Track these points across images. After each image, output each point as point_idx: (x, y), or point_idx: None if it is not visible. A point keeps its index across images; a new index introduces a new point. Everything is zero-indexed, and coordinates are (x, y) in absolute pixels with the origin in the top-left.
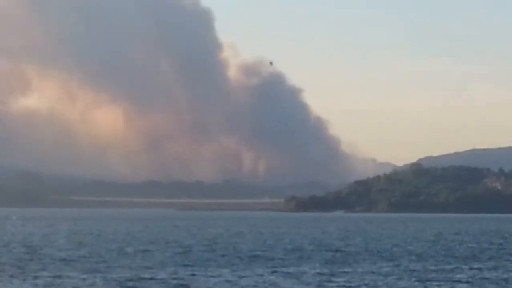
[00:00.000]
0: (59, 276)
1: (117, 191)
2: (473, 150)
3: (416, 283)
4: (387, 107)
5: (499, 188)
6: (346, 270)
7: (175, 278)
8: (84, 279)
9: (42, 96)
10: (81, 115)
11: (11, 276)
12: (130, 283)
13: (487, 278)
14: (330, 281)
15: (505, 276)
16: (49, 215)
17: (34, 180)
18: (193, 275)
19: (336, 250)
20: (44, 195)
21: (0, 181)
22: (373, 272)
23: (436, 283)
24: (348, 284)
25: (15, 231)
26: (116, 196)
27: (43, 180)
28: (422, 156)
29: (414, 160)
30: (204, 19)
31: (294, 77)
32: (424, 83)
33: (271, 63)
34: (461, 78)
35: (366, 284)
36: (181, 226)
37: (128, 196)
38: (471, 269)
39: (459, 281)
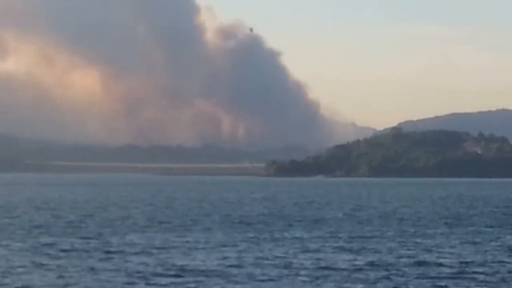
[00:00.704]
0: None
1: (96, 156)
2: (453, 114)
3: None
4: (366, 71)
5: (479, 152)
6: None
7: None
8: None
9: (19, 60)
10: (58, 79)
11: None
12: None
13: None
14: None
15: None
16: (25, 180)
17: (10, 144)
18: (171, 240)
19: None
20: (20, 159)
21: None
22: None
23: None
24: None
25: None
26: (95, 160)
27: (20, 145)
28: (402, 120)
29: (394, 124)
30: None
31: (273, 40)
32: (404, 47)
33: (251, 30)
34: (442, 42)
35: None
36: (161, 191)
37: (107, 161)
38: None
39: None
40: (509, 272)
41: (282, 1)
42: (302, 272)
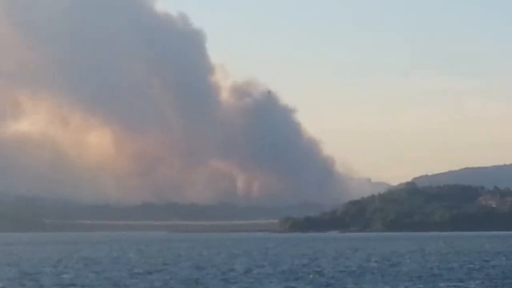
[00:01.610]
0: None
1: (112, 214)
2: (467, 168)
3: None
4: (381, 126)
5: (494, 206)
6: None
7: None
8: None
9: (33, 120)
10: (73, 139)
11: None
12: None
13: None
14: None
15: None
16: (47, 239)
17: (29, 205)
18: None
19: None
20: (39, 219)
21: None
22: None
23: None
24: None
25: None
26: (112, 219)
27: (38, 205)
28: (416, 175)
29: (409, 179)
30: (196, 41)
31: (287, 97)
32: (417, 101)
33: (269, 92)
34: (454, 95)
35: None
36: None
37: (122, 219)
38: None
39: None
40: None
41: (294, 58)
42: None
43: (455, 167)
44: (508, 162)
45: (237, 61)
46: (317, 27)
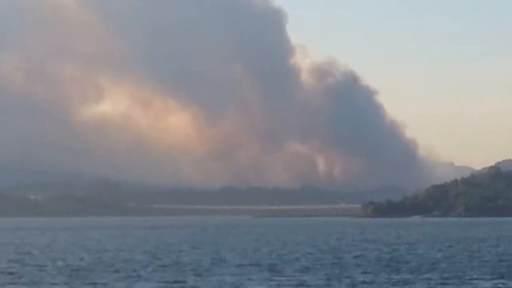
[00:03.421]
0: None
1: (194, 198)
2: None
3: None
4: (464, 110)
5: None
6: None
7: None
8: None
9: (114, 104)
10: (153, 122)
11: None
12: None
13: None
14: None
15: None
16: (128, 224)
17: (112, 188)
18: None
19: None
20: (122, 203)
21: (78, 190)
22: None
23: None
24: None
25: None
26: (193, 203)
27: (121, 188)
28: (500, 159)
29: (492, 163)
30: (276, 21)
31: (369, 78)
32: (501, 85)
33: (355, 79)
34: None
35: None
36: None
37: (205, 203)
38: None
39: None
40: None
41: (377, 39)
42: None
43: None
44: None
45: (317, 41)
46: (402, 11)
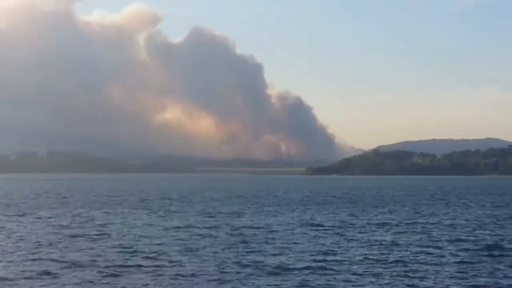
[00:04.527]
0: None
1: (214, 165)
2: None
3: None
4: (357, 116)
5: None
6: None
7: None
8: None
9: (173, 113)
10: (192, 123)
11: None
12: None
13: None
14: None
15: None
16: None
17: (171, 160)
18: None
19: None
20: (176, 167)
21: (151, 159)
22: None
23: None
24: None
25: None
26: (213, 167)
27: (176, 159)
28: (380, 144)
29: (375, 146)
30: (258, 70)
31: (307, 100)
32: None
33: (301, 102)
34: None
35: None
36: None
37: (220, 167)
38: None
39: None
40: None
41: (312, 79)
42: None
43: None
44: None
45: (280, 81)
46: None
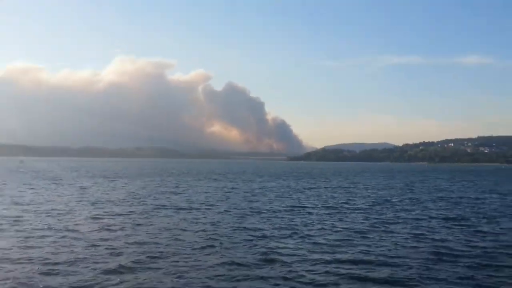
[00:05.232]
0: None
1: (230, 154)
2: None
3: None
4: (308, 116)
5: None
6: None
7: None
8: None
9: (215, 127)
10: (222, 130)
11: None
12: None
13: None
14: None
15: None
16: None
17: (204, 149)
18: None
19: None
20: (208, 153)
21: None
22: None
23: None
24: None
25: None
26: (230, 155)
27: (209, 149)
28: (327, 144)
29: (323, 146)
30: (257, 102)
31: (286, 118)
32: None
33: (283, 122)
34: None
35: None
36: None
37: (235, 155)
38: None
39: None
40: None
41: (294, 104)
42: None
43: None
44: None
45: (272, 109)
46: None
